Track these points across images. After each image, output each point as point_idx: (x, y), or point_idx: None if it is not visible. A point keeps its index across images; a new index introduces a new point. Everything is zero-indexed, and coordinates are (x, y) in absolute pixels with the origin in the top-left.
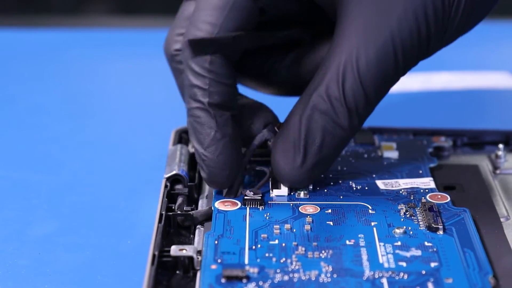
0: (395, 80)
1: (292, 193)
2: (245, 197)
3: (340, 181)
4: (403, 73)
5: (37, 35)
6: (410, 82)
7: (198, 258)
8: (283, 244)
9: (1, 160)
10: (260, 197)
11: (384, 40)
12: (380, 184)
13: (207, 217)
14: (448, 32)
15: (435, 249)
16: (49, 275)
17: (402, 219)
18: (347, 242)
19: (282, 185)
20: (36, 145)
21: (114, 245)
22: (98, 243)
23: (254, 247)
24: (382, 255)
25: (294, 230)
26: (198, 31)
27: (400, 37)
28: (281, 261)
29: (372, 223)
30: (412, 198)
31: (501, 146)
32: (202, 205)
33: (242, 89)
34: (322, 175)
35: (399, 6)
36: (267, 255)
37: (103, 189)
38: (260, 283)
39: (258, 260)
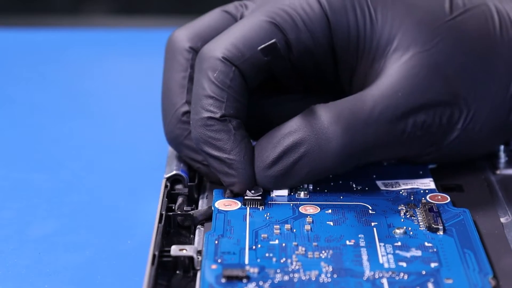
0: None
1: (292, 193)
2: (245, 197)
3: (340, 181)
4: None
5: (37, 35)
6: None
7: (198, 258)
8: (283, 244)
9: (1, 160)
10: (260, 197)
11: (365, 143)
12: (380, 184)
13: (207, 216)
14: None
15: (435, 250)
16: (49, 275)
17: (402, 220)
18: (347, 242)
19: None
20: (36, 145)
21: (114, 245)
22: (98, 243)
23: (254, 247)
24: (382, 256)
25: (294, 230)
26: (227, 50)
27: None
28: (281, 261)
29: (372, 224)
30: (412, 198)
31: (501, 146)
32: (202, 205)
33: None
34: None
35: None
36: (267, 255)
37: (103, 189)
38: (260, 283)
39: (258, 260)
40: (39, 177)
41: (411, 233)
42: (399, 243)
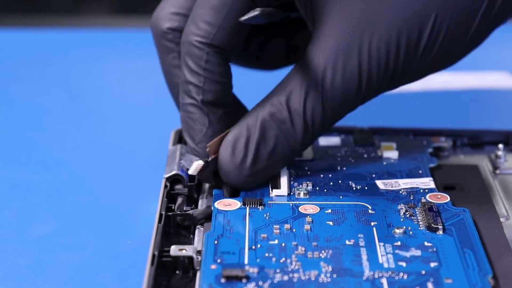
0: (353, 107)
1: (291, 193)
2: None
3: (340, 181)
4: (362, 103)
5: (37, 35)
6: None
7: (197, 258)
8: (283, 244)
9: (1, 160)
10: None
11: (352, 67)
12: (380, 184)
13: (206, 215)
14: (416, 71)
15: (434, 249)
16: (49, 275)
17: (401, 219)
18: (347, 242)
19: (281, 185)
20: (36, 145)
21: (114, 245)
22: (98, 243)
23: (254, 247)
24: (381, 255)
25: (294, 230)
26: (197, 29)
27: (368, 67)
28: (281, 261)
29: (372, 223)
30: (411, 198)
31: (501, 146)
32: (202, 205)
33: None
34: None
35: (374, 35)
36: (266, 255)
37: (103, 189)
38: (260, 283)
39: (258, 260)
40: (39, 177)
41: (411, 232)
42: (399, 243)
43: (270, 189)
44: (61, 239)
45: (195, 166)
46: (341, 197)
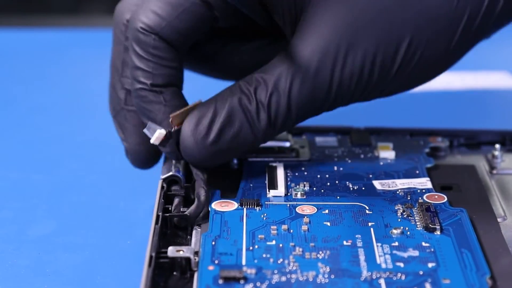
0: (318, 113)
1: (288, 194)
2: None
3: (337, 182)
4: (330, 109)
5: (37, 35)
6: None
7: (195, 259)
8: (280, 245)
9: (1, 160)
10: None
11: (324, 76)
12: (377, 184)
13: (200, 211)
14: (393, 85)
15: (432, 250)
16: (48, 275)
17: (399, 220)
18: (345, 242)
19: (278, 186)
20: (36, 145)
21: (114, 245)
22: (98, 243)
23: (251, 247)
24: (379, 256)
25: (291, 230)
26: (146, 18)
27: (339, 80)
28: (279, 261)
29: (369, 224)
30: (409, 198)
31: (497, 146)
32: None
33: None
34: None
35: (350, 49)
36: (264, 256)
37: (102, 189)
38: (258, 284)
39: (256, 261)
40: (39, 177)
41: (408, 233)
42: (396, 243)
43: (267, 189)
44: (60, 239)
45: (157, 134)
46: (338, 197)
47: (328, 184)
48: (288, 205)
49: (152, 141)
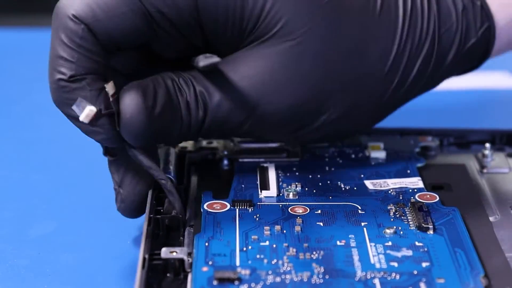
0: (237, 131)
1: (281, 194)
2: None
3: (329, 182)
4: (246, 133)
5: (37, 35)
6: None
7: (188, 260)
8: (274, 246)
9: (1, 160)
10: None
11: (249, 108)
12: (369, 184)
13: (179, 202)
14: (322, 132)
15: (426, 249)
16: (48, 275)
17: (392, 219)
18: (338, 242)
19: (270, 186)
20: (36, 145)
21: (114, 245)
22: (98, 243)
23: (245, 248)
24: (373, 256)
25: (285, 231)
26: (79, 7)
27: (261, 117)
28: (273, 262)
29: (362, 224)
30: (401, 198)
31: (487, 145)
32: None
33: None
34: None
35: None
36: (258, 256)
37: (102, 189)
38: (252, 285)
39: (250, 262)
40: (39, 177)
41: (401, 232)
42: (390, 243)
43: (259, 190)
44: (60, 239)
45: (87, 112)
46: (330, 197)
47: (320, 184)
48: (281, 205)
49: (81, 118)
